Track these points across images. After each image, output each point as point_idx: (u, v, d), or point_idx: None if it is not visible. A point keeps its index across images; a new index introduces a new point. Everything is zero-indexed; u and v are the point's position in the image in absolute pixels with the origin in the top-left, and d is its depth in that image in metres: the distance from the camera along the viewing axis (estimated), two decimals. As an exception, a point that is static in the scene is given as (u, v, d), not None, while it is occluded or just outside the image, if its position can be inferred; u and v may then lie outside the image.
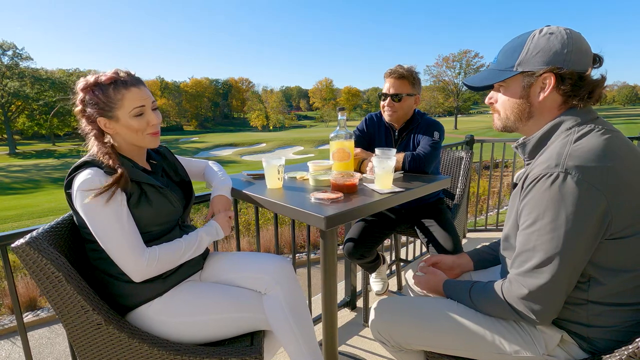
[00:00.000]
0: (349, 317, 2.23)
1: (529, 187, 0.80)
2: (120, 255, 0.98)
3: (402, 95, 1.74)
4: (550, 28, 0.86)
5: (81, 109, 1.04)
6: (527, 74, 0.87)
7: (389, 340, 1.07)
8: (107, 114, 1.03)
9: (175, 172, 1.27)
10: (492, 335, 0.92)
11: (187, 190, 1.27)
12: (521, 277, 0.82)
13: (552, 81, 0.84)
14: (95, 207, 0.95)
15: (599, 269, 0.78)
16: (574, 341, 0.85)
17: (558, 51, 0.83)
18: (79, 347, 0.96)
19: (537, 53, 0.85)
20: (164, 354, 0.97)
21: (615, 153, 0.76)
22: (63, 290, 0.89)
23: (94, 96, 1.02)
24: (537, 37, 0.86)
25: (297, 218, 1.13)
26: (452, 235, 1.71)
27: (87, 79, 1.04)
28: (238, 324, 1.12)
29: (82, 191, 0.95)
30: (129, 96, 1.03)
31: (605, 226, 0.74)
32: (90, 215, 0.97)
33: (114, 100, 1.02)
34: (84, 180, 0.95)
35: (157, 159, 1.23)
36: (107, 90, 1.02)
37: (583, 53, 0.84)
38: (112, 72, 1.04)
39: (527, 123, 0.92)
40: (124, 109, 1.03)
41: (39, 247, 0.88)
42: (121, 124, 1.04)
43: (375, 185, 1.32)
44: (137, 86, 1.05)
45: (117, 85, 1.02)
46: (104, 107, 1.02)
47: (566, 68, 0.83)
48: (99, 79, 1.02)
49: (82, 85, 1.03)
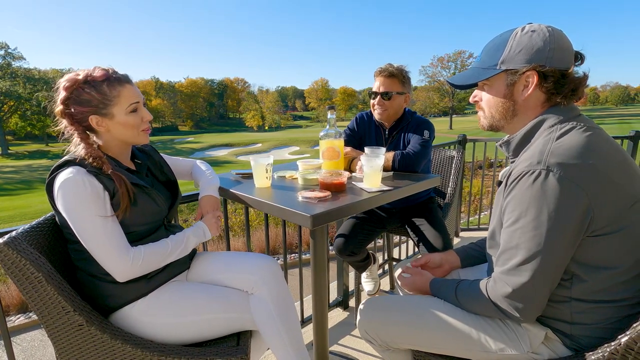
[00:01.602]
0: (342, 317, 2.22)
1: (512, 184, 0.80)
2: (104, 255, 0.96)
3: (392, 93, 1.74)
4: (532, 26, 0.86)
5: (63, 109, 1.01)
6: (510, 72, 0.87)
7: (376, 340, 1.07)
8: (101, 112, 1.01)
9: (161, 172, 1.26)
10: (478, 333, 0.91)
11: (173, 190, 1.25)
12: (505, 276, 0.82)
13: (535, 79, 0.84)
14: (78, 207, 0.94)
15: (581, 266, 0.78)
16: (558, 338, 0.85)
17: (540, 49, 0.83)
18: (60, 349, 0.94)
19: (520, 51, 0.85)
20: (148, 355, 0.96)
21: (596, 150, 0.76)
22: (43, 291, 0.88)
23: (84, 93, 0.99)
24: (519, 34, 0.86)
25: (284, 217, 1.13)
26: (442, 234, 1.71)
27: (74, 77, 1.00)
28: (224, 324, 1.11)
29: (64, 190, 0.93)
30: (124, 93, 1.02)
31: (587, 223, 0.74)
32: (72, 215, 0.95)
33: (109, 97, 1.01)
34: (65, 179, 0.94)
35: (142, 158, 1.21)
36: (101, 87, 1.00)
37: (565, 50, 0.84)
38: (100, 69, 1.02)
39: (512, 121, 0.92)
40: (119, 106, 1.02)
41: (18, 248, 0.86)
42: (116, 121, 1.03)
43: (363, 184, 1.31)
44: (130, 83, 1.05)
45: (111, 81, 1.01)
46: (98, 104, 1.00)
47: (549, 66, 0.83)
48: (91, 76, 1.00)
49: (69, 84, 0.99)
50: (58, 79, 1.04)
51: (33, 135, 51.30)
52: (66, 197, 0.93)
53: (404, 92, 1.77)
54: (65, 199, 0.93)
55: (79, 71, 1.02)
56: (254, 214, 9.46)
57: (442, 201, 2.24)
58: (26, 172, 29.00)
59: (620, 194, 0.75)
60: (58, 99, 1.01)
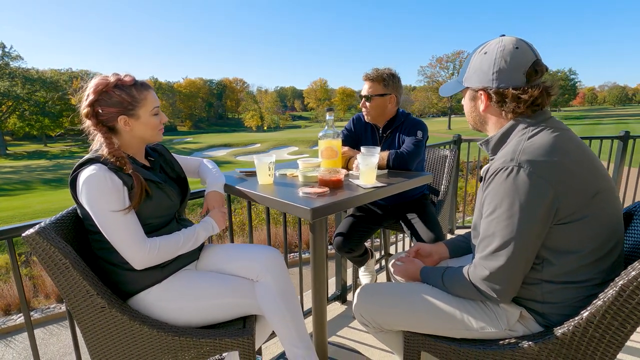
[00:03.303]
0: (340, 310, 2.32)
1: (489, 179, 0.90)
2: (124, 245, 1.06)
3: (372, 96, 1.86)
4: (489, 45, 0.96)
5: (90, 111, 1.11)
6: (470, 88, 1.00)
7: (370, 322, 1.17)
8: (130, 112, 1.12)
9: (172, 169, 1.36)
10: (461, 314, 1.02)
11: (183, 186, 1.35)
12: (483, 261, 0.92)
13: (485, 97, 0.97)
14: (100, 201, 1.03)
15: (550, 251, 0.88)
16: (532, 317, 0.96)
17: (485, 72, 0.95)
18: (85, 329, 1.04)
19: (474, 72, 0.98)
20: (163, 335, 1.06)
21: (562, 149, 0.86)
22: (70, 276, 0.97)
23: (115, 96, 1.10)
24: (476, 56, 0.98)
25: (285, 210, 1.22)
26: (433, 228, 1.81)
27: (105, 80, 1.10)
28: (231, 308, 1.21)
29: (88, 185, 1.03)
30: (149, 97, 1.16)
31: (554, 212, 0.84)
32: (95, 209, 1.04)
33: (138, 100, 1.13)
34: (90, 175, 1.03)
35: (154, 156, 1.31)
36: (131, 91, 1.12)
37: (512, 71, 0.92)
38: (128, 75, 1.13)
39: (485, 127, 1.04)
40: (145, 108, 1.14)
41: (47, 237, 0.96)
42: (141, 122, 1.15)
43: (359, 181, 1.41)
44: (152, 89, 1.18)
45: (138, 86, 1.14)
46: (128, 105, 1.12)
47: (494, 87, 0.94)
48: (122, 80, 1.11)
49: (100, 87, 1.09)
50: (56, 79, 1.14)
51: (31, 135, 51.20)
52: (90, 191, 1.03)
53: (387, 93, 1.86)
54: (89, 194, 1.03)
55: (109, 76, 1.12)
56: (254, 214, 9.54)
57: (436, 198, 2.34)
58: (24, 172, 28.97)
59: (582, 186, 0.85)
60: (86, 101, 1.11)
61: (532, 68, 0.92)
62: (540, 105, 0.94)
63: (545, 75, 0.95)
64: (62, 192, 20.55)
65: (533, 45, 0.95)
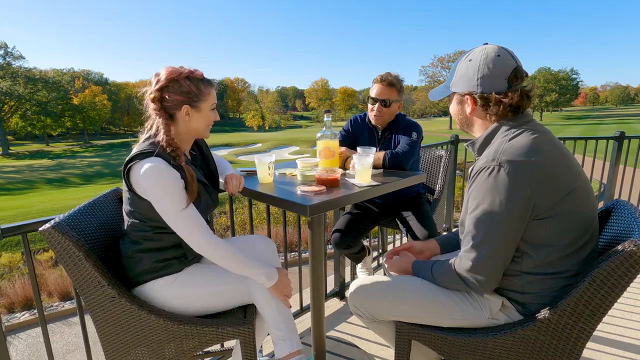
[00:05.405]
0: (338, 306, 2.38)
1: (473, 177, 0.97)
2: (189, 231, 1.12)
3: (390, 101, 1.91)
4: (473, 53, 1.03)
5: (158, 95, 1.15)
6: (457, 93, 1.07)
7: (364, 313, 1.23)
8: (194, 104, 1.19)
9: (207, 166, 1.42)
10: (448, 304, 1.09)
11: (214, 183, 1.41)
12: (467, 253, 0.99)
13: (471, 102, 1.04)
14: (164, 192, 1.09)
15: (529, 245, 0.95)
16: (513, 306, 1.02)
17: (471, 78, 1.02)
18: (96, 318, 1.11)
19: (460, 78, 1.05)
20: (169, 324, 1.13)
21: (540, 150, 0.93)
22: (82, 268, 1.05)
23: (185, 85, 1.16)
24: (462, 62, 1.05)
25: (284, 207, 1.29)
26: (427, 225, 1.88)
27: (179, 69, 1.17)
28: (230, 296, 1.27)
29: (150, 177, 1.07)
30: (212, 93, 1.23)
31: (531, 209, 0.91)
32: (160, 200, 1.10)
33: (203, 93, 1.20)
34: (151, 167, 1.07)
35: (195, 150, 1.38)
36: (199, 84, 1.19)
37: (495, 77, 0.99)
38: (199, 71, 1.20)
39: (471, 128, 1.12)
40: (207, 102, 1.21)
41: (62, 230, 1.03)
42: (200, 114, 1.21)
43: (355, 180, 1.48)
44: (216, 87, 1.26)
45: (205, 82, 1.21)
46: (194, 97, 1.18)
47: (479, 92, 1.01)
48: (193, 73, 1.18)
49: (173, 75, 1.15)
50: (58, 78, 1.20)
51: (33, 135, 51.46)
52: (153, 183, 1.08)
53: (399, 99, 1.95)
54: (152, 188, 1.09)
55: (181, 67, 1.18)
56: (255, 214, 9.61)
57: (432, 197, 2.41)
58: (27, 172, 29.12)
59: (557, 185, 0.91)
60: (155, 86, 1.16)
61: (513, 74, 0.99)
62: (521, 108, 1.01)
63: (526, 80, 1.02)
64: (64, 191, 20.69)
65: (514, 53, 1.02)
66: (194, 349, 1.18)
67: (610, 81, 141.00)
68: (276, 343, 1.27)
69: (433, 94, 1.17)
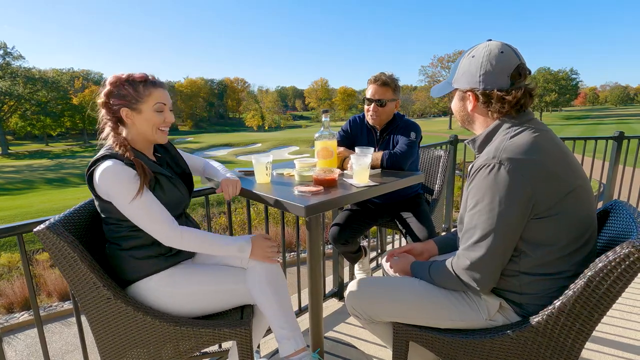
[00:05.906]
0: (337, 307, 2.38)
1: (473, 175, 0.96)
2: (152, 224, 1.14)
3: (386, 101, 1.91)
4: (476, 49, 1.02)
5: (105, 100, 1.19)
6: (459, 90, 1.06)
7: (362, 314, 1.23)
8: (132, 106, 1.19)
9: (177, 164, 1.42)
10: (446, 305, 1.08)
11: (187, 181, 1.41)
12: (465, 252, 0.98)
13: (473, 98, 1.03)
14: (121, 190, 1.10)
15: (527, 244, 0.94)
16: (510, 307, 1.01)
17: (473, 74, 1.01)
18: (91, 319, 1.11)
19: (463, 74, 1.03)
20: (165, 325, 1.12)
21: (540, 148, 0.92)
22: (78, 269, 1.04)
23: (123, 89, 1.18)
24: (464, 59, 1.04)
25: (281, 208, 1.28)
26: (426, 226, 1.87)
27: (119, 75, 1.20)
28: (226, 296, 1.27)
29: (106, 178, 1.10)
30: (155, 94, 1.21)
31: (531, 208, 0.90)
32: (118, 198, 1.11)
33: (141, 95, 1.20)
34: (107, 168, 1.10)
35: (161, 153, 1.38)
36: (138, 86, 1.19)
37: (497, 74, 0.98)
38: (141, 73, 1.22)
39: (472, 126, 1.10)
40: (148, 104, 1.20)
41: (57, 232, 1.02)
42: (142, 116, 1.20)
43: (353, 180, 1.47)
44: (163, 88, 1.25)
45: (147, 84, 1.21)
46: (132, 99, 1.19)
47: (481, 88, 1.00)
48: (132, 76, 1.20)
49: (113, 80, 1.19)
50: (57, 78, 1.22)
51: (33, 135, 51.39)
52: (108, 184, 1.10)
53: (395, 98, 1.94)
54: (109, 186, 1.11)
55: (124, 72, 1.21)
56: (253, 214, 9.61)
57: (431, 197, 2.40)
58: (26, 172, 29.08)
59: (558, 184, 0.90)
60: (102, 92, 1.20)
61: (516, 71, 0.98)
62: (523, 106, 1.00)
63: (528, 78, 1.01)
64: (64, 191, 20.66)
65: (517, 50, 1.01)
66: (191, 350, 1.18)
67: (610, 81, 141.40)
68: (280, 342, 1.26)
69: (435, 91, 1.16)
